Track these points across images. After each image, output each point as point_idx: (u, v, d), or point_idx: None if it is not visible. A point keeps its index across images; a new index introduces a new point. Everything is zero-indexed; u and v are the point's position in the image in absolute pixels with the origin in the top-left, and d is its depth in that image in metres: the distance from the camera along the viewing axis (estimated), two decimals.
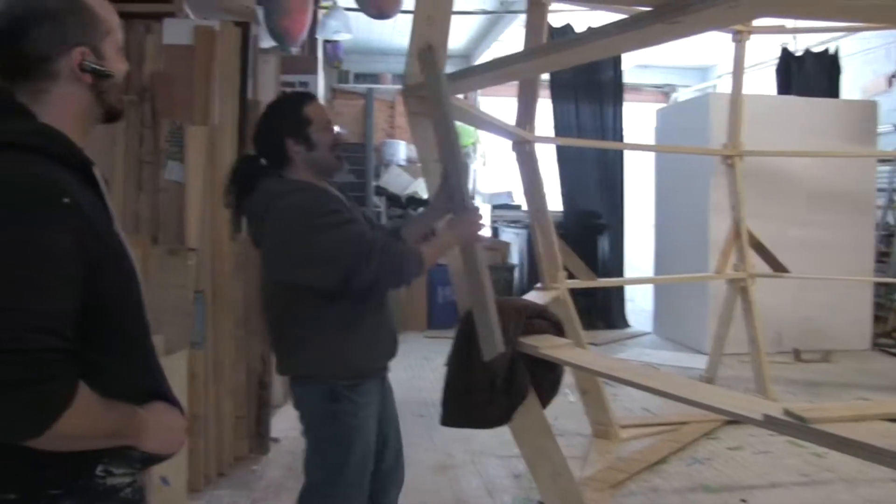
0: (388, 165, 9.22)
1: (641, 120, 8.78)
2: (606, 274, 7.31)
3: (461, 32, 8.73)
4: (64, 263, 1.04)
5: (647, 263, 8.07)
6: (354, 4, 5.29)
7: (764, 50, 7.65)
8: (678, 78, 11.20)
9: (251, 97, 3.76)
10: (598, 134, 7.77)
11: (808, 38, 7.64)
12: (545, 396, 2.56)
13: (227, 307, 3.52)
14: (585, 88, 7.79)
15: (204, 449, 3.36)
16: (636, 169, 8.36)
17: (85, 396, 1.05)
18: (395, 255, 1.94)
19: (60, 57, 1.13)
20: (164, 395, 1.24)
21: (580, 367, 2.55)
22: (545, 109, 6.98)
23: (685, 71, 11.09)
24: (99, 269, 1.09)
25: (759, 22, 4.86)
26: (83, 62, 1.14)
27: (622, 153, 8.06)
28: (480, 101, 9.34)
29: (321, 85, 6.37)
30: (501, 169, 9.32)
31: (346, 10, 6.21)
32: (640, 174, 8.38)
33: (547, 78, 7.35)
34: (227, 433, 3.55)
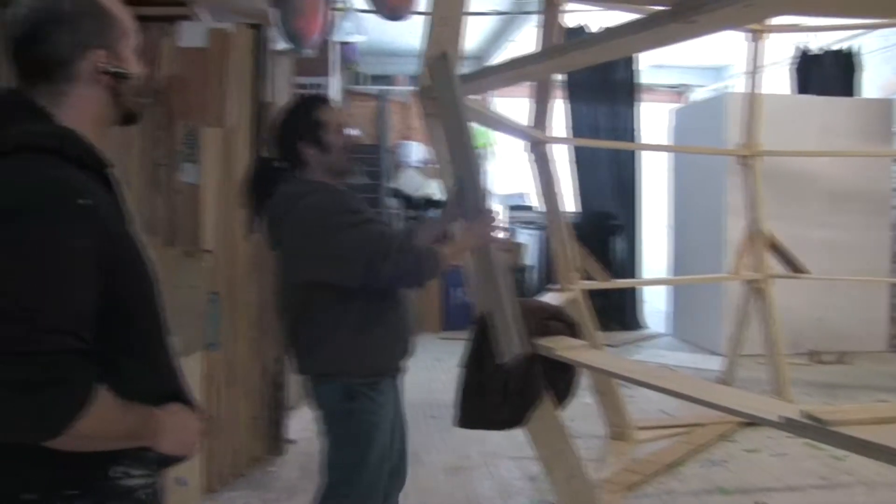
0: (402, 167, 9.23)
1: (656, 120, 8.73)
2: (621, 275, 7.26)
3: (475, 33, 8.72)
4: (80, 264, 1.04)
5: (661, 264, 8.03)
6: (368, 6, 5.30)
7: (779, 49, 7.58)
8: (693, 78, 11.14)
9: (265, 99, 3.78)
10: (612, 134, 7.73)
11: (827, 36, 7.55)
12: (561, 398, 2.55)
13: (242, 308, 3.54)
14: (600, 89, 7.74)
15: (220, 450, 3.37)
16: (651, 169, 8.30)
17: (102, 397, 1.05)
18: (413, 254, 1.96)
19: (79, 59, 1.14)
20: (181, 396, 1.25)
21: (596, 368, 2.54)
22: (560, 110, 6.95)
23: (700, 71, 11.02)
24: (116, 270, 1.09)
25: (775, 20, 4.82)
26: (101, 64, 1.15)
27: (637, 154, 8.01)
28: (495, 101, 9.32)
29: (335, 87, 6.38)
30: (515, 170, 9.30)
31: (359, 11, 6.22)
32: (655, 174, 8.32)
33: (562, 78, 7.32)
34: (242, 434, 3.57)
